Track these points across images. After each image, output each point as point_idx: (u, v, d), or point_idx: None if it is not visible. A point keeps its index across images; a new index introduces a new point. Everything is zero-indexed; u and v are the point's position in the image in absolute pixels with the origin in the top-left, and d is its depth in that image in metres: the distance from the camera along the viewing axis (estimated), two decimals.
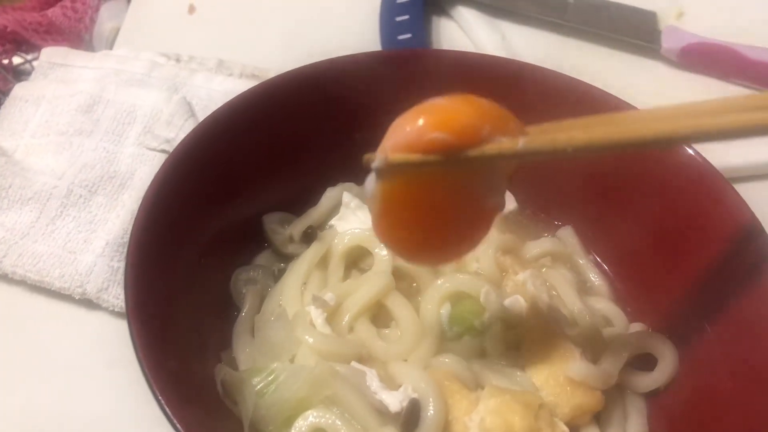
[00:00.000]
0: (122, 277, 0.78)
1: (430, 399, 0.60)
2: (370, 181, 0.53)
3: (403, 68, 0.81)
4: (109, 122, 0.93)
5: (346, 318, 0.67)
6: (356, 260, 0.75)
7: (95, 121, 0.93)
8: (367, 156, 0.52)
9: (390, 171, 0.50)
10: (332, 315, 0.67)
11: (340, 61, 0.79)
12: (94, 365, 0.75)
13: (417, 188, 0.51)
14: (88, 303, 0.79)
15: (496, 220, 0.77)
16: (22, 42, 1.09)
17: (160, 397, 0.50)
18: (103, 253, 0.80)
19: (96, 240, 0.82)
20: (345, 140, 0.80)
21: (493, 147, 0.48)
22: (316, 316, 0.65)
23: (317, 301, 0.65)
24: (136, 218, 0.61)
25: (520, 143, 0.48)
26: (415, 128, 0.48)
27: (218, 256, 0.71)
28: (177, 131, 0.92)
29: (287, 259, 0.75)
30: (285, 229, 0.76)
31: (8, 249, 0.80)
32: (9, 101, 0.97)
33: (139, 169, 0.89)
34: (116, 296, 0.78)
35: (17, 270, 0.79)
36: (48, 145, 0.91)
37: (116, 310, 0.78)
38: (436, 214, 0.53)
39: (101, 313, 0.79)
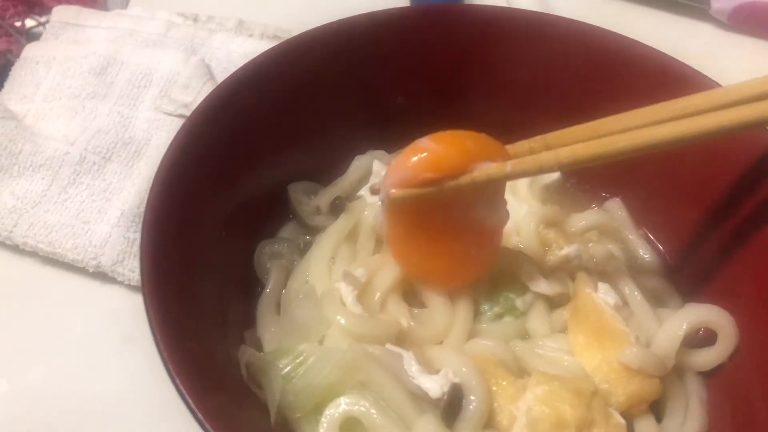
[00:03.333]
0: (138, 250, 0.74)
1: (473, 383, 0.55)
2: (379, 212, 0.61)
3: (435, 25, 0.74)
4: (124, 85, 0.88)
5: (377, 295, 0.62)
6: None
7: (109, 84, 0.89)
8: (374, 187, 0.61)
9: (393, 203, 0.57)
10: (362, 292, 0.61)
11: (371, 17, 0.72)
12: (109, 341, 0.71)
13: (420, 213, 0.58)
14: (102, 276, 0.75)
15: (538, 190, 0.73)
16: (34, 4, 1.04)
17: (179, 384, 0.45)
18: (118, 223, 0.76)
19: (110, 210, 0.78)
20: (375, 105, 0.74)
21: (481, 173, 0.55)
22: (347, 293, 0.60)
23: (348, 277, 0.60)
24: (151, 187, 0.56)
25: (508, 167, 0.55)
26: (408, 170, 0.55)
27: (241, 228, 0.66)
28: (195, 95, 0.87)
29: (313, 231, 0.70)
30: (311, 200, 0.71)
31: (19, 218, 0.76)
32: (20, 63, 0.92)
33: (156, 135, 0.84)
34: (132, 269, 0.74)
35: (28, 241, 0.75)
36: (60, 110, 0.86)
37: (132, 283, 0.74)
38: (441, 234, 0.59)
39: (116, 287, 0.75)
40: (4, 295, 0.73)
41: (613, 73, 0.71)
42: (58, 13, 0.98)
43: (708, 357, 0.62)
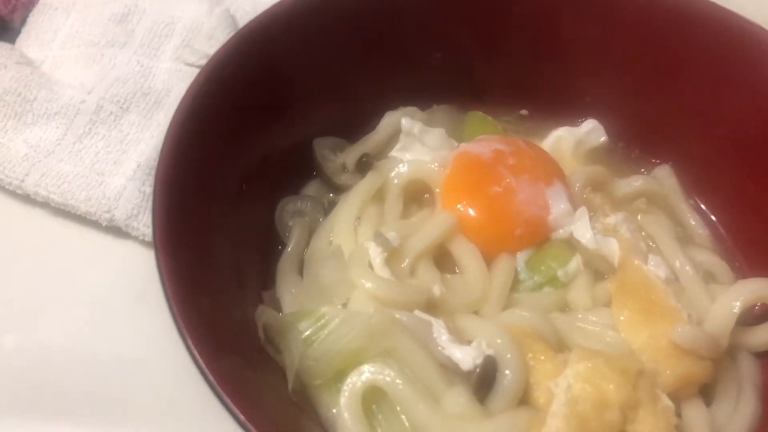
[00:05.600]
0: None
1: (508, 356, 0.50)
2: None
3: None
4: (145, 34, 0.84)
5: (407, 260, 0.57)
6: (416, 194, 0.65)
7: (129, 33, 0.84)
8: None
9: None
10: (391, 256, 0.57)
11: None
12: (122, 299, 0.67)
13: (492, 170, 0.63)
14: (116, 230, 0.71)
15: (583, 154, 0.68)
16: None
17: (190, 343, 0.41)
18: (134, 176, 0.72)
19: (127, 162, 0.74)
20: (410, 59, 0.69)
21: None
22: (375, 255, 0.55)
23: (379, 238, 0.56)
24: (166, 135, 0.52)
25: None
26: None
27: (263, 183, 0.62)
28: (218, 46, 0.82)
29: (339, 190, 0.66)
30: (337, 157, 0.67)
31: (31, 167, 0.72)
32: (38, 9, 0.88)
33: (177, 87, 0.80)
34: (147, 224, 0.70)
35: (39, 191, 0.71)
36: (78, 57, 0.82)
37: (147, 239, 0.70)
38: (504, 193, 0.61)
39: (130, 242, 0.71)
40: (15, 247, 0.70)
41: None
42: None
43: (764, 336, 0.56)
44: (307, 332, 0.51)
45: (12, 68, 0.77)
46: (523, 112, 0.74)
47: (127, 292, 0.67)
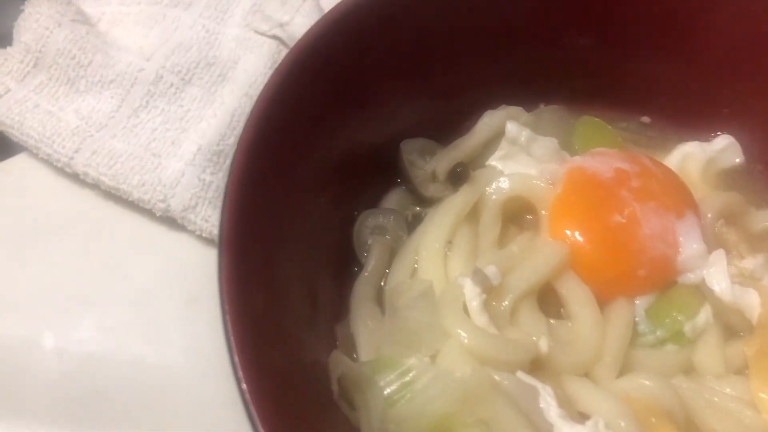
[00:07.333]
0: (213, 195, 0.63)
1: None
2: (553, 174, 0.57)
3: None
4: None
5: (507, 300, 0.48)
6: (516, 213, 0.56)
7: None
8: None
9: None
10: (489, 294, 0.48)
11: None
12: (172, 300, 0.61)
13: (614, 192, 0.54)
14: (170, 222, 0.64)
15: (713, 176, 0.58)
16: None
17: (253, 411, 0.33)
18: (193, 161, 0.65)
19: (186, 143, 0.66)
20: (519, 46, 0.59)
21: None
22: (472, 296, 0.46)
23: (478, 275, 0.47)
24: (243, 132, 0.44)
25: None
26: None
27: (341, 190, 0.53)
28: (293, 14, 0.74)
29: (425, 202, 0.57)
30: (427, 163, 0.57)
31: (81, 142, 0.65)
32: None
33: (244, 58, 0.71)
34: (205, 218, 0.63)
35: (89, 171, 0.64)
36: (138, 16, 0.75)
37: (203, 234, 0.63)
38: (627, 224, 0.52)
39: (185, 236, 0.64)
40: (59, 233, 0.64)
41: None
42: None
43: None
44: (390, 389, 0.43)
45: (67, 26, 0.70)
46: (645, 119, 0.63)
47: (178, 292, 0.61)
